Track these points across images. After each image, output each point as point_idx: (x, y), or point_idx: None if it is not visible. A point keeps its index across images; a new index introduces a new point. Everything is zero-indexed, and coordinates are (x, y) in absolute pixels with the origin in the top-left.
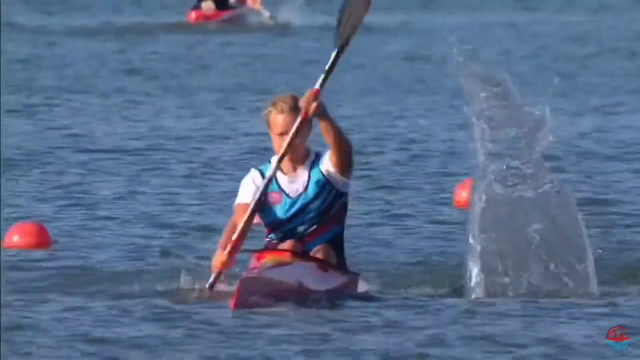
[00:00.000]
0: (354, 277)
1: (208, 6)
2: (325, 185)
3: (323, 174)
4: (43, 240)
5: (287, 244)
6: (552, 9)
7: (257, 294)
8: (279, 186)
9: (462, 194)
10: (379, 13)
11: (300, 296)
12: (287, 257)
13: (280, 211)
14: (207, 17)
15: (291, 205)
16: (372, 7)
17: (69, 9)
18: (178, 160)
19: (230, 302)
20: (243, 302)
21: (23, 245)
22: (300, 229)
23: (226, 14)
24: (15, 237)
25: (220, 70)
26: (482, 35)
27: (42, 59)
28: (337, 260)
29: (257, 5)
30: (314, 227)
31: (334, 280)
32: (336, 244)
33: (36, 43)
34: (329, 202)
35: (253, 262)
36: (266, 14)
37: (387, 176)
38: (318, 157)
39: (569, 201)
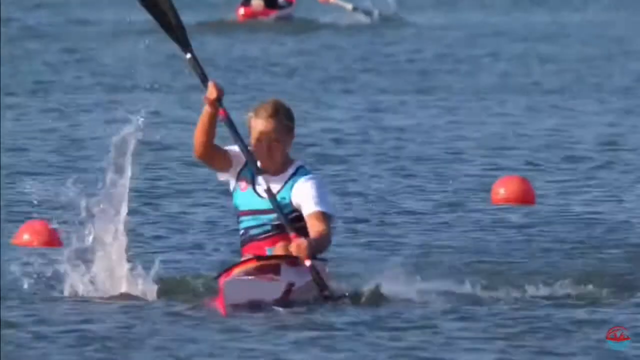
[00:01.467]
0: (323, 263)
1: (257, 3)
2: (287, 207)
3: (291, 202)
4: (53, 238)
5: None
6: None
7: (242, 297)
8: (253, 177)
9: (499, 191)
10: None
11: (284, 294)
12: (253, 263)
13: (241, 199)
14: (255, 15)
15: (251, 200)
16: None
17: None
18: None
19: (220, 309)
20: (231, 306)
21: (33, 244)
22: (255, 231)
23: (274, 13)
24: (25, 236)
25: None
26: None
27: (84, 57)
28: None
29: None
30: (269, 234)
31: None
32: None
33: (78, 43)
34: (288, 221)
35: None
36: (348, 6)
37: (423, 171)
38: (299, 172)
39: None
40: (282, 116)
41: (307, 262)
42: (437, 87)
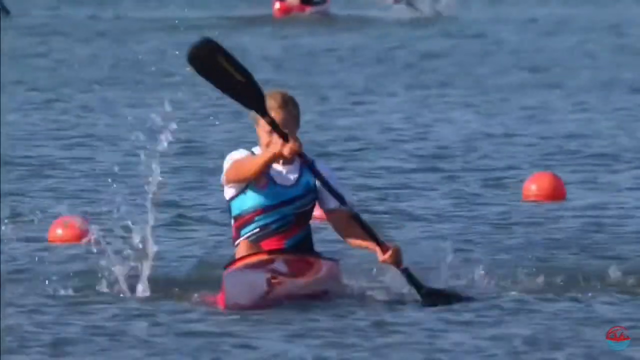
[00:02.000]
0: (335, 263)
1: None
2: (312, 191)
3: (316, 186)
4: (86, 234)
5: (264, 245)
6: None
7: (244, 291)
8: (269, 172)
9: (531, 188)
10: None
11: (289, 289)
12: (263, 256)
13: (263, 196)
14: (291, 10)
15: (276, 194)
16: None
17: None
18: None
19: (219, 302)
20: (231, 300)
21: (66, 239)
22: (276, 225)
23: (309, 9)
24: (58, 231)
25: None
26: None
27: (112, 53)
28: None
29: None
30: (288, 225)
31: (318, 268)
32: (308, 243)
33: (111, 37)
34: (310, 207)
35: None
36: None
37: (456, 167)
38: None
39: None
40: (292, 107)
41: (402, 267)
42: (461, 83)
